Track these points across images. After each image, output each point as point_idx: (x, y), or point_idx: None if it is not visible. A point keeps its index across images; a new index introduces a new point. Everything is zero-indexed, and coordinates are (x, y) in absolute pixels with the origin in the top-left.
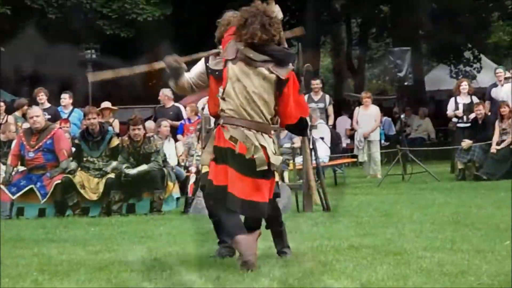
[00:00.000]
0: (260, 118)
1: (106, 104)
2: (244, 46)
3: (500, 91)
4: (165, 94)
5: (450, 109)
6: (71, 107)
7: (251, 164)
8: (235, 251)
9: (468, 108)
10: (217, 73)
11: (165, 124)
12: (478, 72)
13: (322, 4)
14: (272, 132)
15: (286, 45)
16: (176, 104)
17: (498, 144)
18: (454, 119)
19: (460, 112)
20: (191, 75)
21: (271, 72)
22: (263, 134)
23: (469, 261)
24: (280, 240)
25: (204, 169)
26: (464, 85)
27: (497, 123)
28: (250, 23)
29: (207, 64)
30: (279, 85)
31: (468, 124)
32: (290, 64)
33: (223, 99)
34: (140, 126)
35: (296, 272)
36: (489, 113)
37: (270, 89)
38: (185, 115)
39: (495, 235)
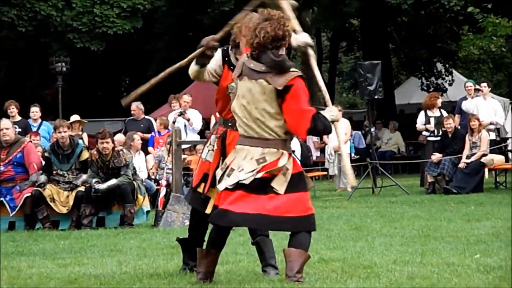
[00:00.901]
0: (269, 135)
1: (75, 117)
2: (249, 56)
3: (470, 105)
4: (139, 107)
5: (420, 123)
6: (39, 120)
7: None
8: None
9: (438, 121)
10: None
11: (137, 138)
12: (450, 85)
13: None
14: None
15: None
16: (147, 117)
17: (468, 157)
18: (424, 133)
19: (431, 126)
20: (211, 64)
21: (269, 84)
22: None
23: (438, 275)
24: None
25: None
26: (440, 99)
27: (467, 136)
28: (261, 29)
29: (226, 58)
30: (281, 95)
31: (438, 138)
32: (292, 71)
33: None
34: (109, 140)
35: (267, 285)
36: (459, 127)
37: (273, 102)
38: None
39: (464, 249)
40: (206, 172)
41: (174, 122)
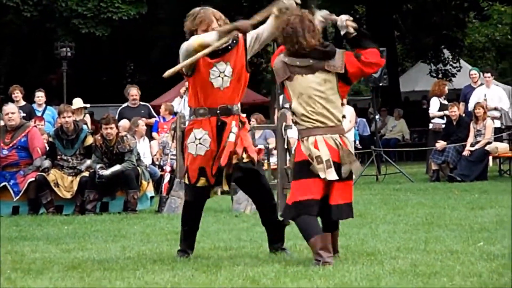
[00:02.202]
0: (332, 122)
1: (78, 103)
2: (287, 55)
3: (475, 92)
4: (139, 93)
5: (434, 109)
6: (44, 105)
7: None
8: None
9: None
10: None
11: (142, 124)
12: (458, 71)
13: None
14: (248, 130)
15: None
16: (143, 103)
17: (472, 145)
18: (436, 120)
19: (448, 112)
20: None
21: (328, 72)
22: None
23: (442, 262)
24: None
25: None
26: (447, 86)
27: (471, 124)
28: (296, 32)
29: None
30: (343, 76)
31: (443, 126)
32: (337, 51)
33: (293, 114)
34: (113, 125)
35: (270, 271)
36: (463, 115)
37: (335, 87)
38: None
39: (468, 236)
40: (202, 166)
41: (181, 97)
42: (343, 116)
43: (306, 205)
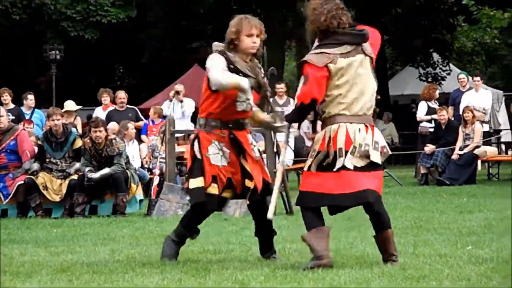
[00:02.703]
0: (361, 110)
1: (71, 106)
2: (320, 48)
3: (465, 97)
4: (126, 96)
5: (421, 113)
6: (32, 108)
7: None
8: None
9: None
10: None
11: (131, 127)
12: (448, 74)
13: (287, 7)
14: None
15: None
16: (130, 106)
17: (461, 149)
18: (424, 124)
19: (436, 116)
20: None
21: (366, 55)
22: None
23: (431, 266)
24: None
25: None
26: (437, 91)
27: (460, 128)
28: (328, 11)
29: (231, 66)
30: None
31: (432, 129)
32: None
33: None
34: (102, 128)
35: (259, 275)
36: (452, 118)
37: (369, 72)
38: (142, 117)
39: (457, 240)
40: (215, 174)
41: (171, 101)
42: (373, 107)
43: (318, 198)
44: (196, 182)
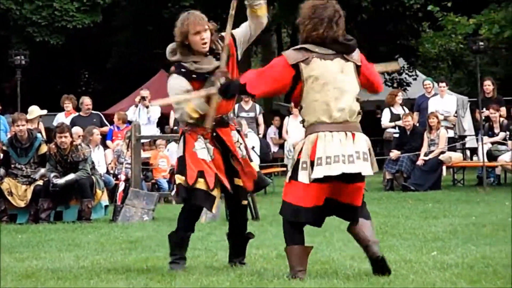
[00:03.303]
0: (343, 117)
1: (36, 112)
2: (304, 44)
3: (430, 102)
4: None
5: (385, 120)
6: None
7: None
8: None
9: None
10: None
11: (97, 132)
12: (415, 79)
13: None
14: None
15: None
16: (94, 112)
17: (426, 155)
18: (390, 130)
19: (400, 122)
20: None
21: (347, 61)
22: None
23: (396, 271)
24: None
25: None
26: (400, 96)
27: (425, 134)
28: (329, 17)
29: (193, 75)
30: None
31: (397, 135)
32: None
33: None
34: (67, 134)
35: (225, 281)
36: (417, 124)
37: (354, 78)
38: (107, 122)
39: (422, 246)
40: (202, 170)
41: (136, 106)
42: (359, 113)
43: (298, 211)
44: (179, 179)
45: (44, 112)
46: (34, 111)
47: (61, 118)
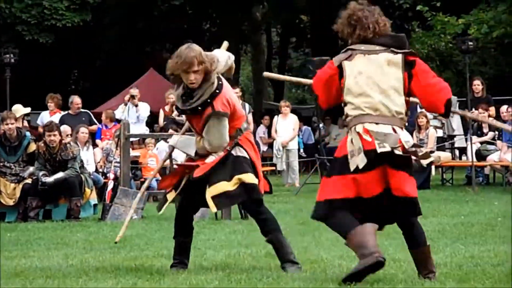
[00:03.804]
0: (388, 112)
1: (21, 110)
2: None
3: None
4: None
5: None
6: None
7: None
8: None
9: None
10: None
11: (86, 131)
12: None
13: (243, 12)
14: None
15: None
16: (83, 110)
17: None
18: None
19: None
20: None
21: (395, 53)
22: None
23: (385, 270)
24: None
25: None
26: None
27: (414, 133)
28: (368, 16)
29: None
30: (408, 70)
31: None
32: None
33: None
34: (56, 132)
35: (214, 279)
36: (406, 124)
37: (400, 76)
38: (96, 121)
39: None
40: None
41: (126, 105)
42: (406, 114)
43: (338, 205)
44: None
45: (28, 110)
46: (19, 109)
47: (45, 116)
